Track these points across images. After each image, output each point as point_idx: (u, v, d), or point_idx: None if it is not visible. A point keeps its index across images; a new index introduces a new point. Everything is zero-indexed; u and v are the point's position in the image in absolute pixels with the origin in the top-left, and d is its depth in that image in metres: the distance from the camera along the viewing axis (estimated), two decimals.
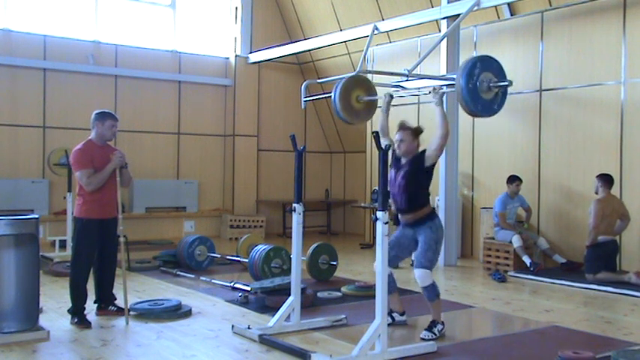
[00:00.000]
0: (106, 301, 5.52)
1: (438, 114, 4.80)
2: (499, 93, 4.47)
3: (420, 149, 5.00)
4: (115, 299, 5.57)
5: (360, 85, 5.21)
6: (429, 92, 4.85)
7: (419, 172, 4.94)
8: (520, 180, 8.29)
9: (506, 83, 4.45)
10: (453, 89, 4.51)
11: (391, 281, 5.02)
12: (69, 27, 10.96)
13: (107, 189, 5.31)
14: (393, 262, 5.06)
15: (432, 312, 4.96)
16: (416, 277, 4.91)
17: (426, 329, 4.88)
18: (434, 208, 5.10)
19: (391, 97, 5.18)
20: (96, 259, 5.39)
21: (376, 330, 4.21)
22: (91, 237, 5.29)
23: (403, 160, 5.02)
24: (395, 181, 5.00)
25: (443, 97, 4.81)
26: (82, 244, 5.29)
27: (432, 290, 4.90)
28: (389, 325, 4.95)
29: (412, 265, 5.26)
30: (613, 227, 7.31)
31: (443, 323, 4.94)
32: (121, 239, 5.43)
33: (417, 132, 5.04)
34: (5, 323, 4.68)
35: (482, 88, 4.38)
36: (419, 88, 9.76)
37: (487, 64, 4.45)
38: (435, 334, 4.83)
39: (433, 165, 4.96)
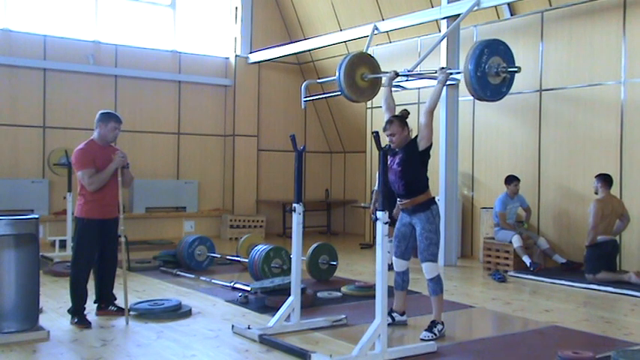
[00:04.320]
0: (106, 301, 5.52)
1: (435, 90, 4.80)
2: (507, 77, 4.43)
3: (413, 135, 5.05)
4: (115, 299, 5.56)
5: (364, 62, 5.23)
6: (436, 71, 4.86)
7: (414, 156, 4.95)
8: (518, 180, 8.28)
9: (515, 69, 4.40)
10: (460, 72, 4.48)
11: (406, 279, 5.18)
12: (69, 27, 10.96)
13: (108, 189, 5.31)
14: (407, 254, 5.13)
15: (433, 309, 4.97)
16: (423, 271, 4.99)
17: (425, 330, 4.88)
18: (433, 197, 5.09)
19: (396, 74, 5.16)
20: (96, 259, 5.39)
21: (376, 330, 4.22)
22: (91, 237, 5.29)
23: (398, 149, 5.05)
24: (392, 166, 5.02)
25: (446, 79, 4.79)
26: (82, 244, 5.29)
27: (437, 283, 4.97)
28: (389, 325, 4.96)
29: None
30: (612, 227, 7.32)
31: (443, 323, 4.94)
32: (122, 239, 5.43)
33: (403, 119, 5.04)
34: (5, 323, 4.68)
35: (490, 73, 4.32)
36: (420, 87, 9.78)
37: (494, 49, 4.39)
38: (435, 335, 4.82)
39: (429, 148, 4.96)
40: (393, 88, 8.76)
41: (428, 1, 9.72)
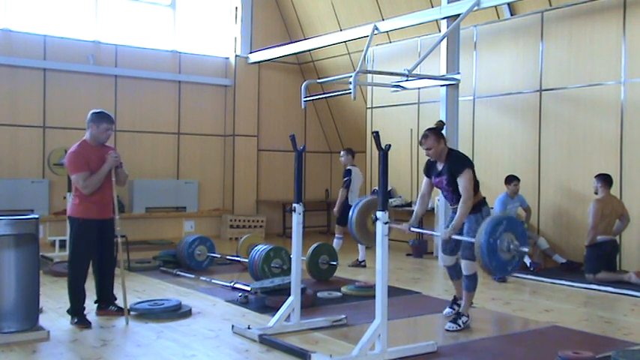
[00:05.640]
0: (106, 301, 5.51)
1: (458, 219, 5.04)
2: (516, 257, 4.52)
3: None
4: (115, 299, 5.56)
5: (376, 208, 5.14)
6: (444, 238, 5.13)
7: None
8: (518, 179, 8.28)
9: (525, 251, 4.51)
10: (473, 240, 4.58)
11: (458, 269, 5.35)
12: (69, 27, 10.96)
13: (104, 189, 5.28)
14: (455, 251, 5.33)
15: (463, 301, 5.27)
16: (462, 267, 5.23)
17: (450, 321, 5.12)
18: (484, 197, 5.26)
19: (409, 228, 5.33)
20: (96, 259, 5.38)
21: (376, 330, 4.21)
22: (88, 237, 5.27)
23: (440, 166, 5.21)
24: (442, 185, 5.22)
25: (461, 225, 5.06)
26: (79, 245, 5.27)
27: (472, 280, 5.20)
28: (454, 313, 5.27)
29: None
30: (612, 227, 7.32)
31: (468, 316, 5.17)
32: (119, 239, 5.41)
33: (438, 132, 5.18)
34: (5, 323, 4.68)
35: (501, 247, 4.42)
36: (420, 88, 9.78)
37: (512, 225, 4.51)
38: (460, 326, 5.07)
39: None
40: (393, 89, 8.82)
41: (428, 1, 9.72)
